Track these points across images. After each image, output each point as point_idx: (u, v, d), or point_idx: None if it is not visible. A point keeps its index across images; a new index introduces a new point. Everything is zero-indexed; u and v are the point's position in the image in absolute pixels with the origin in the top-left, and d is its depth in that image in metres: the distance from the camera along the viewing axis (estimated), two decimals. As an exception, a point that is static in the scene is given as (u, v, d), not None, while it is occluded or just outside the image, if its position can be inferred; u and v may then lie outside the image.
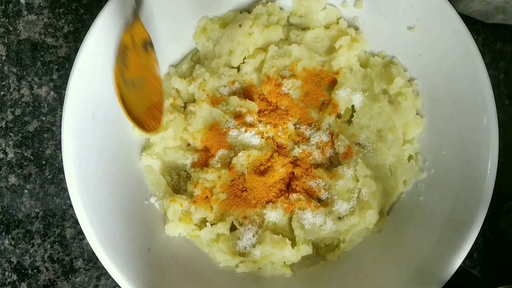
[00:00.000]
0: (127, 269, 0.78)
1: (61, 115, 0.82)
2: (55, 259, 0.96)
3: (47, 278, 0.95)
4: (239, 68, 0.93)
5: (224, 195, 0.87)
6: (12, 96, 0.98)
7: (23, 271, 0.95)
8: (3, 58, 0.99)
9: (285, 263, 0.86)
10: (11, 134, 0.98)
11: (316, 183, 0.87)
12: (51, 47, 0.99)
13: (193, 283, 0.83)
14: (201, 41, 0.93)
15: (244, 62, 0.92)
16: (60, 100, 0.98)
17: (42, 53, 0.99)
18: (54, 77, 0.99)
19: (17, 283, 0.95)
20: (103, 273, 0.95)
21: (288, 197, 0.87)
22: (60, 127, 0.82)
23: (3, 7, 1.00)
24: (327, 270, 0.87)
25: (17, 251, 0.96)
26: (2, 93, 0.98)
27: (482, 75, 0.82)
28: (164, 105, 0.74)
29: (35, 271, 0.95)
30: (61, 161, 0.81)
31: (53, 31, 1.00)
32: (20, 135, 0.98)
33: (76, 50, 0.86)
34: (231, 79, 0.92)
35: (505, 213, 0.93)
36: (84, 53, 0.80)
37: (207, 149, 0.90)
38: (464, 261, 0.78)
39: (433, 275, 0.78)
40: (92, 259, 0.96)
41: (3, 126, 0.98)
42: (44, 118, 0.98)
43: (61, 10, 1.00)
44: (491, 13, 0.92)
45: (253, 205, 0.86)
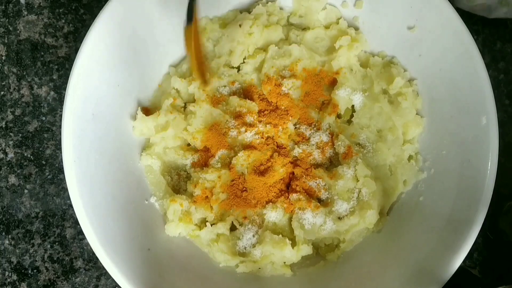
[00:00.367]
0: (127, 269, 0.78)
1: (61, 115, 0.82)
2: (55, 259, 0.96)
3: (47, 278, 0.95)
4: (239, 68, 0.93)
5: (224, 195, 0.87)
6: (12, 96, 0.98)
7: (23, 271, 0.95)
8: (3, 58, 0.99)
9: (285, 263, 0.86)
10: (11, 134, 0.98)
11: (316, 183, 0.87)
12: (51, 47, 0.99)
13: (193, 283, 0.83)
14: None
15: (244, 62, 0.92)
16: (60, 100, 0.98)
17: (42, 53, 0.99)
18: (54, 77, 0.99)
19: (17, 283, 0.95)
20: (103, 273, 0.95)
21: (288, 197, 0.87)
22: (60, 127, 0.82)
23: (3, 7, 1.00)
24: (327, 270, 0.87)
25: (17, 251, 0.96)
26: (2, 93, 0.98)
27: (482, 75, 0.82)
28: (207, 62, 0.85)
29: (35, 271, 0.95)
30: (61, 161, 0.81)
31: (53, 31, 1.00)
32: (20, 135, 0.98)
33: (76, 50, 0.86)
34: (231, 79, 0.92)
35: (505, 213, 0.93)
36: (84, 53, 0.80)
37: (207, 149, 0.90)
38: (464, 261, 0.78)
39: (433, 275, 0.78)
40: (92, 259, 0.95)
41: (3, 126, 0.98)
42: (44, 118, 0.98)
43: (61, 10, 1.00)
44: (494, 6, 0.91)
45: (253, 205, 0.86)
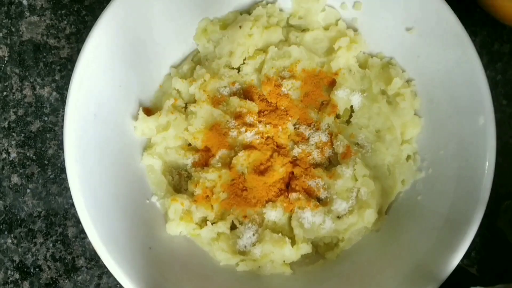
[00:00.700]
0: (129, 267, 0.79)
1: (63, 115, 0.82)
2: (57, 257, 0.96)
3: (49, 276, 0.96)
4: (239, 69, 0.94)
5: (224, 195, 0.87)
6: (14, 96, 0.99)
7: (25, 269, 0.96)
8: (6, 59, 1.00)
9: (284, 261, 0.87)
10: (13, 134, 0.98)
11: (315, 182, 0.88)
12: (53, 48, 1.00)
13: (194, 281, 0.84)
14: (201, 42, 0.94)
15: (244, 63, 0.93)
16: (62, 100, 0.99)
17: (44, 54, 1.00)
18: (56, 78, 1.00)
19: (20, 282, 0.96)
20: (104, 271, 0.96)
21: (287, 197, 0.87)
22: (62, 127, 0.82)
23: (6, 8, 1.01)
24: (326, 268, 0.87)
25: (20, 250, 0.96)
26: (4, 93, 0.99)
27: (479, 76, 0.82)
28: None
29: (37, 269, 0.96)
30: (63, 161, 0.82)
31: (55, 32, 1.00)
32: (22, 135, 0.98)
33: (78, 51, 0.86)
34: (231, 80, 0.92)
35: (503, 212, 0.93)
36: (86, 54, 0.81)
37: (208, 149, 0.90)
38: (462, 260, 0.78)
39: (431, 273, 0.79)
40: (94, 258, 0.96)
41: (6, 126, 0.98)
42: (46, 118, 0.99)
43: (63, 11, 1.01)
44: None
45: (253, 204, 0.86)
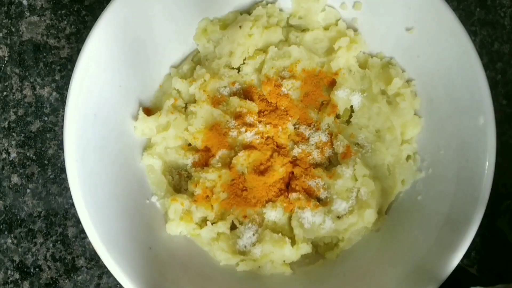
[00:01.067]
0: (129, 267, 0.79)
1: (63, 115, 0.82)
2: (57, 257, 0.96)
3: (49, 276, 0.96)
4: (239, 69, 0.94)
5: (224, 195, 0.87)
6: (14, 96, 0.99)
7: (25, 269, 0.96)
8: (6, 59, 1.00)
9: (284, 261, 0.87)
10: (13, 134, 0.98)
11: (315, 182, 0.88)
12: (53, 48, 1.00)
13: (194, 281, 0.84)
14: (201, 42, 0.94)
15: (244, 63, 0.93)
16: (62, 100, 0.99)
17: (44, 54, 1.00)
18: (56, 78, 1.00)
19: (20, 282, 0.96)
20: (104, 271, 0.96)
21: (287, 197, 0.87)
22: (62, 127, 0.82)
23: (6, 8, 1.01)
24: (326, 268, 0.88)
25: (20, 250, 0.96)
26: (4, 93, 0.99)
27: (479, 76, 0.82)
28: None
29: (38, 269, 0.96)
30: (63, 161, 0.82)
31: (55, 32, 1.00)
32: (22, 135, 0.98)
33: (78, 51, 0.86)
34: (231, 80, 0.92)
35: (503, 212, 0.93)
36: (86, 54, 0.81)
37: (208, 149, 0.90)
38: (462, 260, 0.78)
39: (431, 273, 0.79)
40: (94, 258, 0.96)
41: (6, 126, 0.98)
42: (46, 118, 0.99)
43: (63, 11, 1.01)
44: None
45: (253, 204, 0.86)
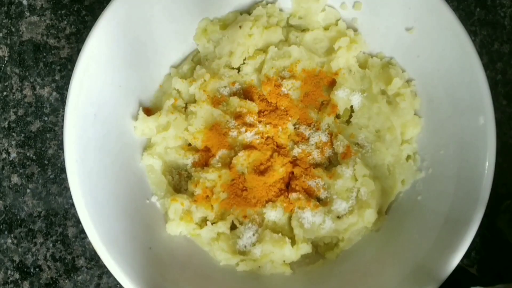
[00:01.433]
0: (129, 267, 0.79)
1: (63, 115, 0.82)
2: (57, 257, 0.96)
3: (49, 276, 0.96)
4: (239, 69, 0.94)
5: (224, 195, 0.87)
6: (14, 96, 0.99)
7: (25, 269, 0.96)
8: (6, 59, 1.00)
9: (284, 261, 0.87)
10: (13, 134, 0.98)
11: (315, 182, 0.88)
12: (53, 48, 1.00)
13: (194, 281, 0.84)
14: (201, 42, 0.94)
15: (244, 63, 0.93)
16: (62, 100, 0.99)
17: (44, 54, 1.00)
18: (56, 78, 1.00)
19: (20, 282, 0.96)
20: (104, 271, 0.96)
21: (287, 196, 0.87)
22: (62, 127, 0.82)
23: (6, 8, 1.01)
24: (326, 268, 0.88)
25: (20, 250, 0.96)
26: (4, 93, 0.99)
27: (479, 76, 0.82)
28: None
29: (37, 269, 0.96)
30: (63, 161, 0.82)
31: (55, 32, 1.01)
32: (22, 135, 0.98)
33: (78, 51, 0.86)
34: (231, 80, 0.92)
35: (503, 212, 0.93)
36: (86, 54, 0.81)
37: (208, 149, 0.90)
38: (462, 260, 0.78)
39: (431, 273, 0.79)
40: (94, 258, 0.96)
41: (6, 126, 0.98)
42: (46, 118, 0.99)
43: (63, 11, 1.01)
44: None
45: (253, 204, 0.86)
